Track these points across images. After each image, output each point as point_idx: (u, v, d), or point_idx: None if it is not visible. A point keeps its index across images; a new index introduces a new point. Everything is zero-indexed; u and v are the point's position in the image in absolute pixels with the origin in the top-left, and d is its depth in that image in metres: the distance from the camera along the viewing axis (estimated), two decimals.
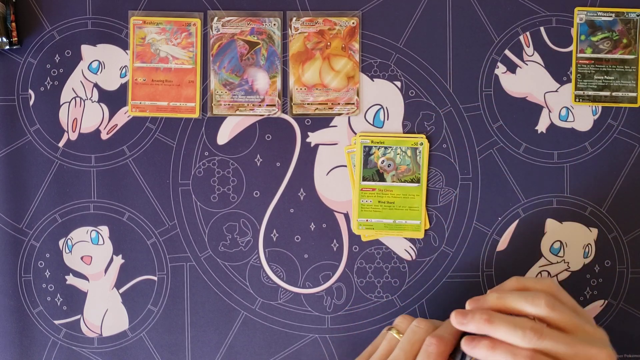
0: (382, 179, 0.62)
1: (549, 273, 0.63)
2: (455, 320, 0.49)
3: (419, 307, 0.63)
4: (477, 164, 0.63)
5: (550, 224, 0.63)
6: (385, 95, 0.63)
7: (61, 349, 0.63)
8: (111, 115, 0.63)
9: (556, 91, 0.64)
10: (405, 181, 0.62)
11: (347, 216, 0.63)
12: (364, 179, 0.62)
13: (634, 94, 0.63)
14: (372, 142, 0.62)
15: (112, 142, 0.63)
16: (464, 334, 0.53)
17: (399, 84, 0.63)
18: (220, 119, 0.63)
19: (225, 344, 0.63)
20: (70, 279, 0.63)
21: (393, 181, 0.62)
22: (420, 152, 0.62)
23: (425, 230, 0.63)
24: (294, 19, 0.63)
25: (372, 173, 0.62)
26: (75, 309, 0.63)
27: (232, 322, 0.63)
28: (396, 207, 0.62)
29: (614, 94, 0.63)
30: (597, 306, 0.63)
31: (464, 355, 0.51)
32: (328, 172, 0.63)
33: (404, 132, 0.63)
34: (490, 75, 0.63)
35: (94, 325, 0.63)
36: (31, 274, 0.63)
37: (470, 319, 0.48)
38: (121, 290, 0.63)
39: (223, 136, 0.63)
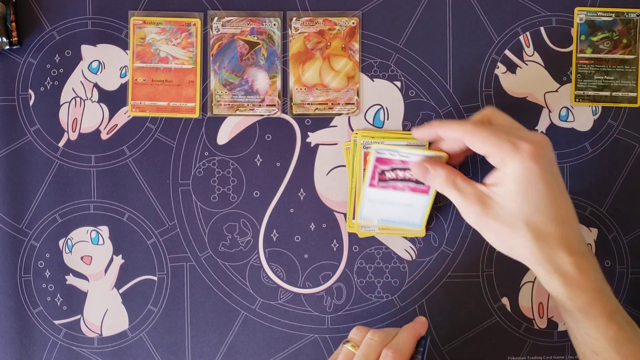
0: None
1: None
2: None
3: (419, 307, 0.63)
4: (477, 163, 0.63)
5: None
6: (385, 95, 0.63)
7: (61, 349, 0.63)
8: (111, 115, 0.63)
9: (556, 91, 0.63)
10: None
11: (347, 216, 0.63)
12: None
13: (634, 94, 0.63)
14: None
15: (112, 142, 0.63)
16: (419, 342, 0.53)
17: (399, 84, 0.63)
18: (220, 119, 0.63)
19: (225, 344, 0.63)
20: (70, 279, 0.63)
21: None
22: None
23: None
24: (294, 19, 0.63)
25: None
26: (75, 309, 0.63)
27: (232, 322, 0.63)
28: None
29: (614, 94, 0.63)
30: None
31: None
32: (328, 172, 0.63)
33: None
34: (490, 75, 0.63)
35: (94, 325, 0.63)
36: (31, 274, 0.63)
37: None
38: (121, 290, 0.63)
39: (223, 136, 0.63)
